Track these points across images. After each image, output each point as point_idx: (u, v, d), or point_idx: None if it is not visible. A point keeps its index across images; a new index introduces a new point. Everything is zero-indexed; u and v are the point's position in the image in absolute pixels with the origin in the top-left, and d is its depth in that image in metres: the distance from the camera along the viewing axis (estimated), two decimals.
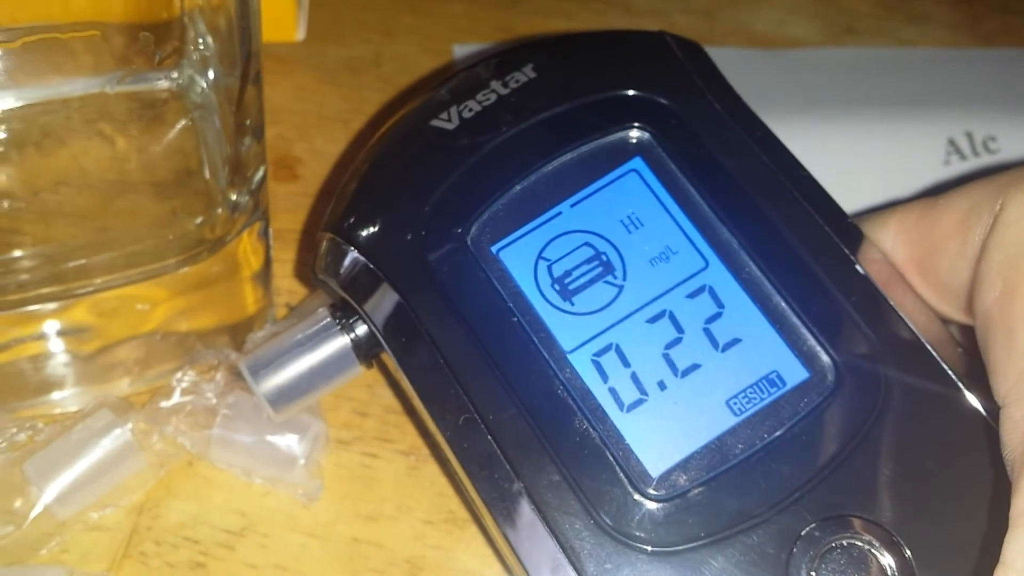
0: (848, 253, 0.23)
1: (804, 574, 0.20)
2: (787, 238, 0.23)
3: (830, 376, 0.22)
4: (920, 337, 0.22)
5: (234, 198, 0.27)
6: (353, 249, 0.24)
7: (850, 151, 0.34)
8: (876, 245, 0.23)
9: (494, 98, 0.25)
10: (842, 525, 0.21)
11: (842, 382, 0.22)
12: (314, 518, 0.27)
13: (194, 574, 0.26)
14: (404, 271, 0.23)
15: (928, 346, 0.22)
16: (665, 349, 0.23)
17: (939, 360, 0.22)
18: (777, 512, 0.21)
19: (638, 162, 0.24)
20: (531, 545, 0.21)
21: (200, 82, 0.27)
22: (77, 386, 0.29)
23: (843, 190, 0.25)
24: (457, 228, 0.24)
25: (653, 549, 0.21)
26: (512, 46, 0.26)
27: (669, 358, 0.22)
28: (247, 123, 0.27)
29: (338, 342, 0.25)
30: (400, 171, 0.25)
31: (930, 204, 0.23)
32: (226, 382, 0.28)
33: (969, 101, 0.35)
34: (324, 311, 0.25)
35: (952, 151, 0.34)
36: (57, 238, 0.27)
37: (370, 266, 0.24)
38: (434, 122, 0.25)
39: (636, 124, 0.24)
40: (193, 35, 0.26)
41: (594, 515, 0.21)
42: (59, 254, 0.27)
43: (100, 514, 0.27)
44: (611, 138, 0.24)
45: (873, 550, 0.20)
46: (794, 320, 0.22)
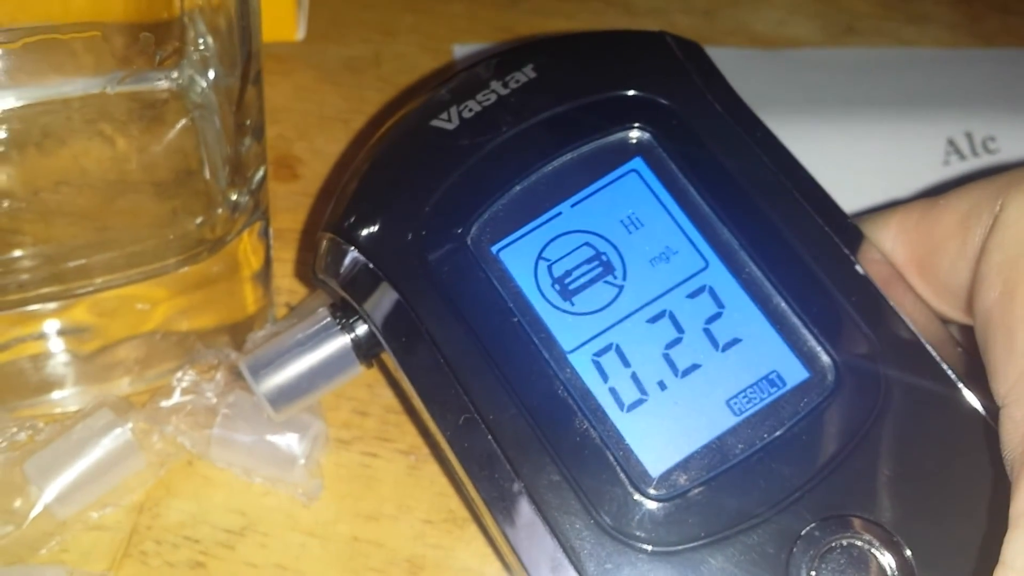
0: (848, 253, 0.23)
1: (804, 574, 0.20)
2: (787, 238, 0.23)
3: (830, 376, 0.22)
4: (920, 337, 0.22)
5: (234, 198, 0.27)
6: (353, 249, 0.24)
7: (850, 151, 0.34)
8: (876, 245, 0.23)
9: (494, 98, 0.25)
10: (842, 525, 0.21)
11: (842, 382, 0.22)
12: (314, 517, 0.27)
13: (194, 573, 0.26)
14: (404, 271, 0.23)
15: (928, 346, 0.22)
16: (665, 349, 0.23)
17: (939, 360, 0.22)
18: (777, 512, 0.21)
19: (638, 162, 0.24)
20: (531, 544, 0.21)
21: (200, 82, 0.27)
22: (77, 386, 0.29)
23: (843, 190, 0.25)
24: (457, 228, 0.24)
25: (653, 549, 0.21)
26: (512, 46, 0.26)
27: (669, 358, 0.22)
28: (247, 123, 0.27)
29: (338, 342, 0.25)
30: (400, 171, 0.25)
31: (930, 204, 0.23)
32: (226, 382, 0.28)
33: (969, 101, 0.35)
34: (324, 311, 0.25)
35: (952, 151, 0.34)
36: (57, 238, 0.27)
37: (370, 266, 0.24)
38: (434, 122, 0.25)
39: (636, 124, 0.24)
40: (193, 35, 0.26)
41: (594, 515, 0.21)
42: (59, 254, 0.27)
43: (100, 513, 0.27)
44: (611, 138, 0.24)
45: (873, 550, 0.20)
46: (794, 320, 0.22)
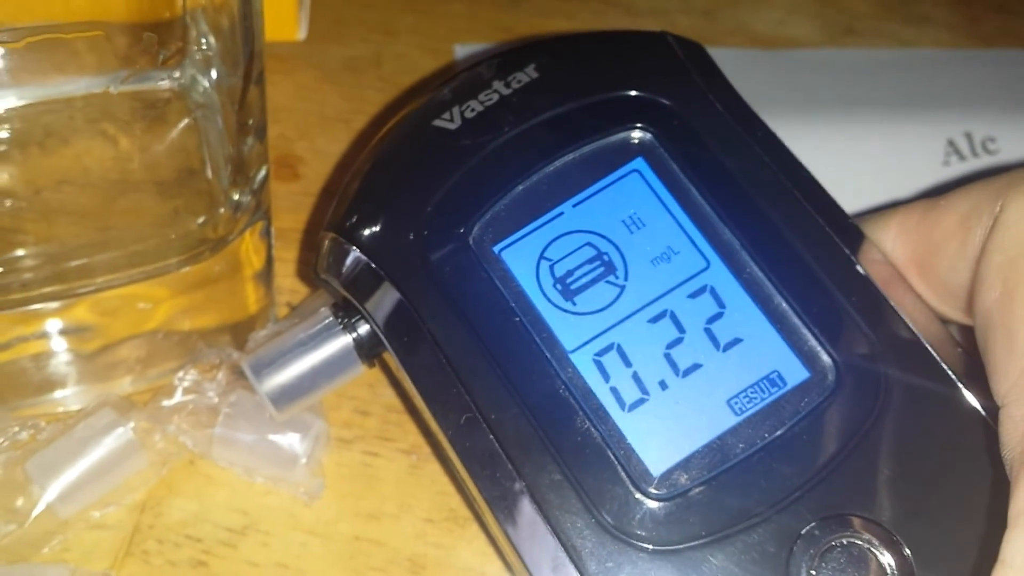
0: (849, 253, 0.23)
1: (804, 572, 0.20)
2: (788, 238, 0.23)
3: (830, 376, 0.22)
4: (920, 337, 0.22)
5: (236, 197, 0.27)
6: (355, 249, 0.24)
7: (850, 151, 0.34)
8: (876, 245, 0.24)
9: (496, 98, 0.25)
10: (842, 524, 0.21)
11: (842, 382, 0.22)
12: (316, 516, 0.27)
13: (196, 572, 0.26)
14: (406, 271, 0.23)
15: (928, 346, 0.22)
16: (666, 349, 0.23)
17: (939, 360, 0.22)
18: (777, 511, 0.21)
19: (640, 162, 0.24)
20: (532, 544, 0.21)
21: (202, 82, 0.27)
22: (79, 385, 0.29)
23: (843, 190, 0.25)
24: (459, 228, 0.24)
25: (654, 548, 0.21)
26: (514, 46, 0.26)
27: (670, 358, 0.23)
28: (249, 123, 0.27)
29: (340, 341, 0.25)
30: (402, 171, 0.25)
31: (930, 205, 0.23)
32: (228, 381, 0.28)
33: (968, 102, 0.35)
34: (326, 310, 0.25)
35: (951, 152, 0.34)
36: (59, 237, 0.27)
37: (372, 265, 0.24)
38: (436, 122, 0.25)
39: (638, 124, 0.24)
40: (196, 35, 0.26)
41: (595, 514, 0.21)
42: (61, 253, 0.27)
43: (102, 512, 0.27)
44: (613, 138, 0.25)
45: (873, 549, 0.20)
46: (795, 320, 0.23)
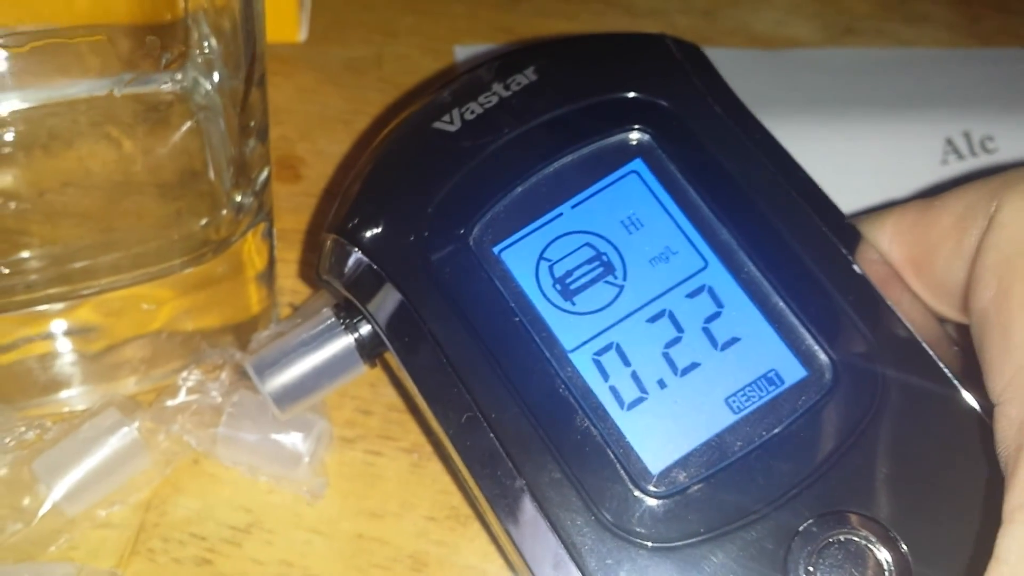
0: (845, 253, 0.23)
1: (802, 569, 0.20)
2: (785, 238, 0.23)
3: (827, 374, 0.22)
4: (916, 336, 0.22)
5: (238, 199, 0.28)
6: (357, 250, 0.24)
7: (849, 151, 0.34)
8: (873, 245, 0.24)
9: (496, 100, 0.25)
10: (839, 521, 0.21)
11: (839, 380, 0.22)
12: (319, 515, 0.28)
13: (201, 570, 0.27)
14: (407, 271, 0.24)
15: (924, 345, 0.22)
16: (665, 348, 0.23)
17: (935, 358, 0.22)
18: (775, 508, 0.21)
19: (638, 163, 0.24)
20: (533, 541, 0.21)
21: (204, 84, 0.27)
22: (84, 385, 0.29)
23: (841, 190, 0.25)
24: (460, 229, 0.24)
25: (653, 545, 0.21)
26: (513, 49, 0.26)
27: (669, 357, 0.23)
28: (251, 125, 0.27)
29: (342, 342, 0.25)
30: (403, 173, 0.25)
31: (926, 205, 0.23)
32: (231, 381, 0.28)
33: (967, 101, 0.35)
34: (328, 311, 0.25)
35: (950, 151, 0.34)
36: (64, 239, 0.27)
37: (373, 267, 0.24)
38: (436, 124, 0.25)
39: (636, 126, 0.25)
40: (197, 37, 0.26)
41: (595, 511, 0.21)
42: (65, 255, 0.27)
43: (108, 511, 0.27)
44: (612, 140, 0.25)
45: (870, 545, 0.20)
46: (792, 319, 0.23)
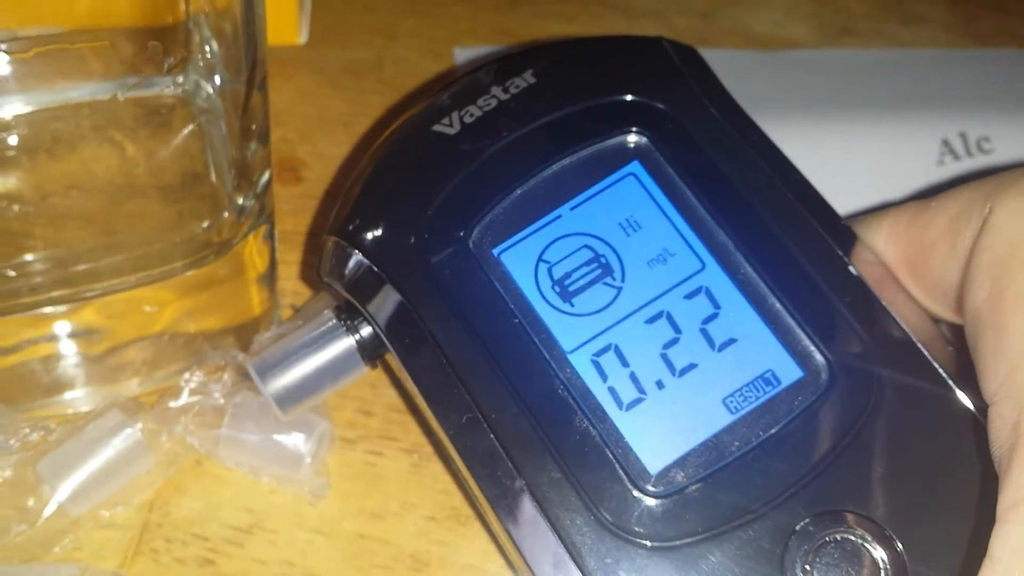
0: (841, 254, 0.23)
1: (799, 568, 0.21)
2: (782, 240, 0.23)
3: (824, 375, 0.22)
4: (912, 336, 0.22)
5: (240, 201, 0.28)
6: (357, 252, 0.24)
7: (845, 152, 0.34)
8: (869, 246, 0.24)
9: (495, 103, 0.25)
10: (836, 520, 0.21)
11: (835, 381, 0.22)
12: (320, 515, 0.28)
13: (203, 570, 0.27)
14: (407, 273, 0.24)
15: (919, 345, 0.22)
16: (663, 349, 0.23)
17: (930, 359, 0.22)
18: (772, 507, 0.21)
19: (636, 166, 0.25)
20: (533, 541, 0.22)
21: (206, 87, 0.27)
22: (88, 386, 0.29)
23: (839, 191, 0.25)
24: (459, 231, 0.24)
25: (652, 544, 0.21)
26: (512, 52, 0.27)
27: (667, 358, 0.23)
28: (253, 127, 0.27)
29: (343, 343, 0.25)
30: (403, 176, 0.25)
31: (921, 206, 0.23)
32: (233, 382, 0.28)
33: (963, 102, 0.35)
34: (329, 313, 0.26)
35: (946, 151, 0.34)
36: (67, 241, 0.27)
37: (374, 268, 0.24)
38: (436, 127, 0.25)
39: (634, 128, 0.25)
40: (199, 41, 0.27)
41: (594, 511, 0.21)
42: (69, 257, 0.27)
43: (111, 512, 0.27)
44: (609, 142, 0.25)
45: (866, 544, 0.21)
46: (789, 320, 0.23)
